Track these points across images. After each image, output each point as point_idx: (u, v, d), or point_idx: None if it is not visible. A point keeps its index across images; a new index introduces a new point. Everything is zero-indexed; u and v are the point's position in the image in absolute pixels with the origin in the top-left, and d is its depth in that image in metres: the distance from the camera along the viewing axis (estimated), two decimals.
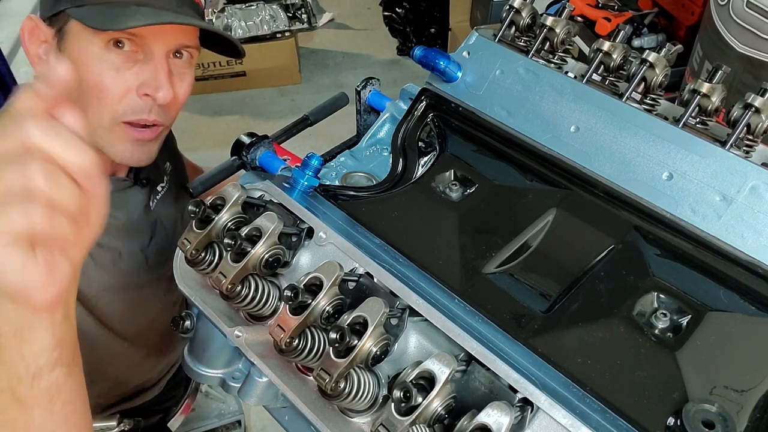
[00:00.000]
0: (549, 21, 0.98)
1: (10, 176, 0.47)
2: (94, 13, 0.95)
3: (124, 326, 1.23)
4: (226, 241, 0.78)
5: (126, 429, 1.34)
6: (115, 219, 1.15)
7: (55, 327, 0.58)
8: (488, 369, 0.68)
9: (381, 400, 0.74)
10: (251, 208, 0.89)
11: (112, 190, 1.14)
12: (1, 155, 0.47)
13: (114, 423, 1.33)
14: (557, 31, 0.97)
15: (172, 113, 1.10)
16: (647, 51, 0.91)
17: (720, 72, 0.85)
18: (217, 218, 0.83)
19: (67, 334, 0.61)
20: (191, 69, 1.11)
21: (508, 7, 1.03)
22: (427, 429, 0.64)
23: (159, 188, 1.27)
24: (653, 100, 0.93)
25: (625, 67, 0.95)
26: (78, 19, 0.96)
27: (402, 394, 0.64)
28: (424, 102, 1.07)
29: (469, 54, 1.05)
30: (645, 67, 0.90)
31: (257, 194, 0.92)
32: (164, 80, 1.02)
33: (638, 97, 0.93)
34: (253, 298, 0.82)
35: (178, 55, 1.07)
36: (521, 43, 1.03)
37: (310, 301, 0.74)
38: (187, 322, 0.99)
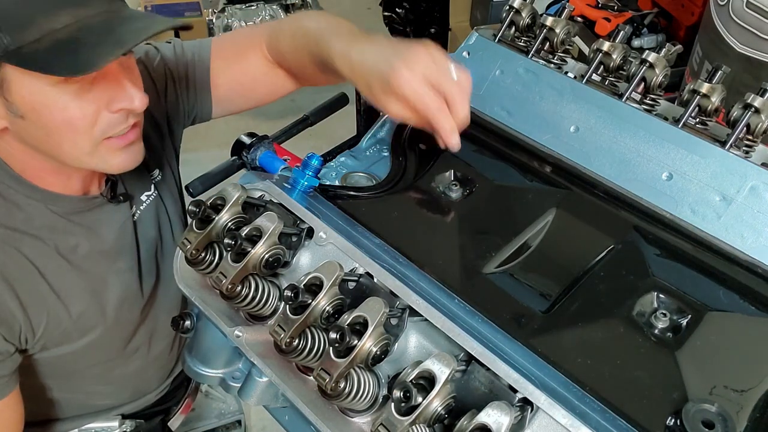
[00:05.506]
0: (549, 21, 0.98)
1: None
2: (46, 58, 0.84)
3: (122, 350, 1.23)
4: (226, 241, 0.78)
5: (128, 430, 1.33)
6: (91, 242, 1.11)
7: None
8: (488, 369, 0.68)
9: (381, 400, 0.74)
10: (251, 208, 0.89)
11: (84, 210, 1.10)
12: None
13: (115, 424, 1.32)
14: (557, 31, 0.97)
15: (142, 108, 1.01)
16: (647, 51, 0.91)
17: (720, 72, 0.85)
18: (217, 218, 0.83)
19: None
20: (134, 56, 1.02)
21: (508, 7, 1.03)
22: (427, 429, 0.64)
23: (144, 197, 1.22)
24: (653, 100, 0.93)
25: (624, 68, 0.95)
26: (31, 69, 0.85)
27: (402, 394, 0.64)
28: None
29: (469, 54, 1.05)
30: (645, 67, 0.90)
31: (257, 194, 0.92)
32: (133, 89, 0.96)
33: (638, 97, 0.93)
34: (253, 298, 0.81)
35: (124, 54, 0.97)
36: (521, 44, 1.03)
37: (310, 301, 0.74)
38: (187, 322, 0.99)
